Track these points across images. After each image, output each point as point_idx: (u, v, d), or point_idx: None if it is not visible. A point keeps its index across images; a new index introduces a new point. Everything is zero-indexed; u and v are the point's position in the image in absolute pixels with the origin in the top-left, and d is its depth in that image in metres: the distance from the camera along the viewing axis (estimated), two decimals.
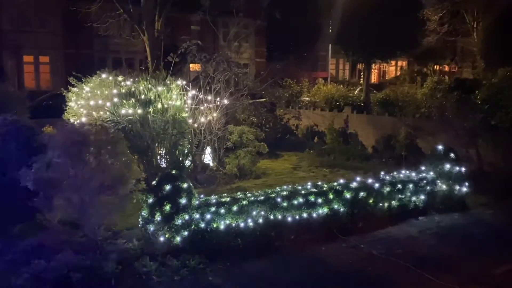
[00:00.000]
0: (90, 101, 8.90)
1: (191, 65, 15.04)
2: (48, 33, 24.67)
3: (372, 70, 29.35)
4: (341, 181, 7.27)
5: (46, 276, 4.98)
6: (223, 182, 9.75)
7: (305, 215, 6.50)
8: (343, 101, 15.63)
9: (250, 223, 6.10)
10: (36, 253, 5.56)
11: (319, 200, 6.61)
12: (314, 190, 6.73)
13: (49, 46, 24.81)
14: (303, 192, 6.59)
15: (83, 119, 8.61)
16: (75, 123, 7.80)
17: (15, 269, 5.16)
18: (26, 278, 4.94)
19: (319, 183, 7.11)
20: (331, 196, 6.71)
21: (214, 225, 5.92)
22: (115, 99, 8.68)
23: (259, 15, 27.77)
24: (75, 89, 9.21)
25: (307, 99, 17.51)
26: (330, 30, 23.20)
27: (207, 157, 10.83)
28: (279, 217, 6.31)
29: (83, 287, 4.95)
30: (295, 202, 6.42)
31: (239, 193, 6.63)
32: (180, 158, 9.66)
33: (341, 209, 6.84)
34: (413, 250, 6.41)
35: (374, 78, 34.74)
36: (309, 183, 7.02)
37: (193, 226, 5.85)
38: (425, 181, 7.90)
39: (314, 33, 30.01)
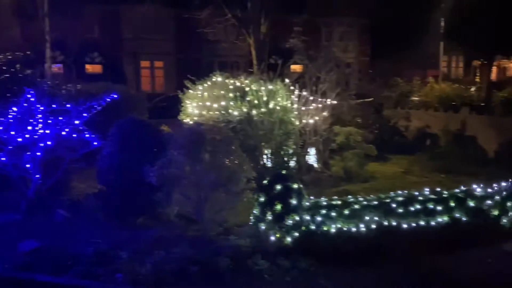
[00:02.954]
0: (203, 102, 9.32)
1: (292, 66, 15.11)
2: (162, 40, 26.60)
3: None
4: (463, 188, 6.67)
5: (166, 267, 5.30)
6: (329, 185, 9.54)
7: (422, 222, 6.06)
8: (459, 101, 14.43)
9: (362, 228, 5.85)
10: (157, 244, 5.98)
11: (439, 208, 6.13)
12: (433, 196, 6.27)
13: (163, 52, 26.75)
14: (420, 198, 6.17)
15: (196, 119, 9.04)
16: (191, 123, 8.21)
17: (139, 258, 5.57)
18: (149, 267, 5.30)
19: (438, 189, 6.59)
20: (452, 204, 6.19)
21: (325, 228, 5.80)
22: (227, 100, 8.98)
23: (363, 12, 26.92)
24: (189, 91, 9.72)
25: (417, 99, 16.51)
26: (443, 24, 21.56)
27: (311, 158, 10.72)
28: (394, 223, 5.97)
29: (199, 280, 5.17)
30: (412, 208, 6.03)
31: (350, 196, 6.43)
32: (285, 159, 9.69)
33: (463, 218, 6.26)
34: None
35: (492, 76, 31.57)
36: (426, 189, 6.55)
37: (303, 228, 5.79)
38: None
39: (423, 29, 28.19)
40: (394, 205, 6.01)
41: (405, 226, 6.01)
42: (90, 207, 7.24)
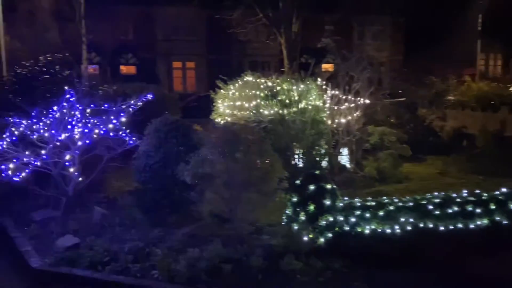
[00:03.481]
0: (234, 102, 9.38)
1: (323, 66, 15.00)
2: (194, 41, 27.00)
3: None
4: (504, 190, 6.43)
5: (200, 264, 5.36)
6: (362, 185, 9.40)
7: (460, 225, 5.89)
8: (498, 101, 13.92)
9: (397, 230, 5.74)
10: (190, 242, 6.06)
11: (478, 210, 5.94)
12: (471, 198, 6.08)
13: (194, 53, 27.16)
14: (458, 200, 6.00)
15: (228, 119, 9.11)
16: (224, 122, 8.28)
17: (174, 255, 5.66)
18: (183, 265, 5.38)
19: (477, 191, 6.39)
20: (492, 207, 5.98)
21: (359, 229, 5.72)
22: (258, 100, 9.00)
23: (396, 11, 26.44)
24: (221, 91, 9.80)
25: (453, 98, 16.04)
26: (480, 20, 20.84)
27: (344, 159, 10.60)
28: (430, 226, 5.82)
29: (232, 279, 5.20)
30: (450, 210, 5.87)
31: (384, 197, 6.32)
32: (317, 159, 9.62)
33: (504, 222, 6.04)
34: None
35: None
36: (464, 191, 6.35)
37: (336, 228, 5.73)
38: None
39: (459, 26, 27.40)
40: (430, 207, 5.87)
41: (442, 228, 5.85)
42: (126, 204, 7.42)
